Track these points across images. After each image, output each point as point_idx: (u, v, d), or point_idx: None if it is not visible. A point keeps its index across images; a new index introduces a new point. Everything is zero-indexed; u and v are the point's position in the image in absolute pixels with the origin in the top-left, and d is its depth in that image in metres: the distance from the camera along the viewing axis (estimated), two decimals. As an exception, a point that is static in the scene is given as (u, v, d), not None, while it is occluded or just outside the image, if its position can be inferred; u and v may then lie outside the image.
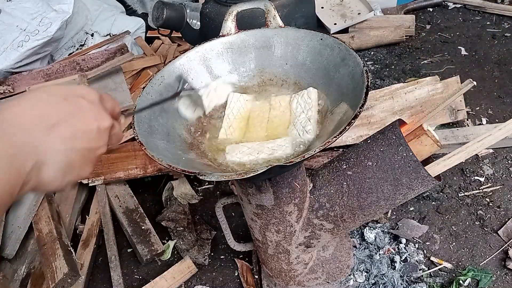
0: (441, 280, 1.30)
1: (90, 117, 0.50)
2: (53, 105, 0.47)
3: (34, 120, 0.45)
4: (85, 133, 0.49)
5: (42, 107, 0.46)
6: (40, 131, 0.45)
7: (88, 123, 0.49)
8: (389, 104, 1.72)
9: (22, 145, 0.43)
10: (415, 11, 2.63)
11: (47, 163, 0.45)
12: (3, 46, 2.12)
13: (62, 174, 0.47)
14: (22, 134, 0.43)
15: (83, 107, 0.50)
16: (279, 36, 0.94)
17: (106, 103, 0.55)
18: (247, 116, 0.88)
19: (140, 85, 2.21)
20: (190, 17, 1.70)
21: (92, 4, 2.48)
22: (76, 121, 0.48)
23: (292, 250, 1.08)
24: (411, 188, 0.91)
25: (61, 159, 0.46)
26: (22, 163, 0.42)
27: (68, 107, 0.48)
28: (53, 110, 0.47)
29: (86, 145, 0.49)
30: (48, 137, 0.45)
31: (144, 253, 1.47)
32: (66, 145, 0.47)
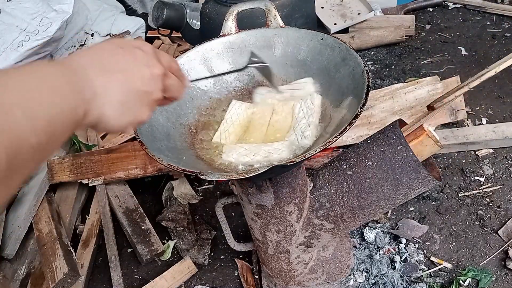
0: (441, 280, 1.30)
1: (142, 64, 0.54)
2: (111, 52, 0.52)
3: (94, 62, 0.50)
4: (138, 76, 0.53)
5: (101, 54, 0.51)
6: (98, 71, 0.49)
7: (140, 68, 0.53)
8: (389, 104, 1.72)
9: (81, 77, 0.47)
10: (415, 11, 2.63)
11: (105, 98, 0.49)
12: (3, 46, 2.12)
13: (120, 112, 0.51)
14: (82, 70, 0.47)
15: (137, 55, 0.54)
16: (279, 36, 0.94)
17: (161, 56, 0.59)
18: (245, 124, 0.88)
19: (140, 85, 2.20)
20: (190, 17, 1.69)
21: (92, 4, 2.48)
22: (130, 66, 0.52)
23: (292, 250, 1.08)
24: (411, 188, 0.91)
25: (117, 96, 0.50)
26: (82, 88, 0.46)
27: (123, 54, 0.53)
28: (110, 56, 0.52)
29: (140, 87, 0.53)
30: (105, 77, 0.49)
31: (144, 253, 1.47)
32: (121, 86, 0.51)
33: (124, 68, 0.52)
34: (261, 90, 0.93)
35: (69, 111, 0.43)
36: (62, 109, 0.42)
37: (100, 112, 0.49)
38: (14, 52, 2.12)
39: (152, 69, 0.55)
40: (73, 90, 0.45)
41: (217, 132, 0.86)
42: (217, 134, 0.85)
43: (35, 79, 0.41)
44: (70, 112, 0.44)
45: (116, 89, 0.50)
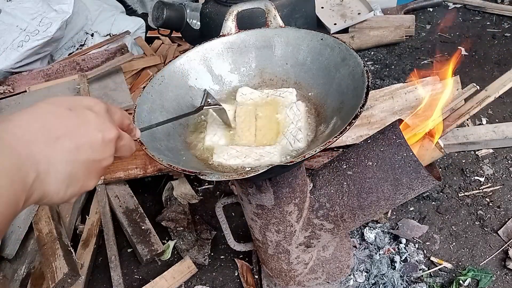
0: (441, 280, 1.30)
1: (95, 128, 0.49)
2: (58, 117, 0.47)
3: (37, 132, 0.44)
4: (89, 144, 0.48)
5: (46, 119, 0.46)
6: (43, 143, 0.44)
7: (92, 134, 0.49)
8: (389, 104, 1.72)
9: (24, 157, 0.42)
10: (415, 11, 2.63)
11: (50, 174, 0.45)
12: (3, 46, 2.12)
13: (65, 186, 0.47)
14: (24, 146, 0.43)
15: (88, 118, 0.49)
16: (279, 36, 0.94)
17: (114, 114, 0.55)
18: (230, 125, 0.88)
19: (140, 85, 2.21)
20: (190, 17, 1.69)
21: (92, 4, 2.48)
22: (80, 132, 0.47)
23: (292, 250, 1.08)
24: (411, 188, 0.91)
25: (64, 170, 0.46)
26: (25, 175, 0.42)
27: (72, 118, 0.48)
28: (57, 122, 0.46)
29: (90, 157, 0.48)
30: (51, 148, 0.45)
31: (144, 253, 1.47)
32: (69, 156, 0.46)
33: (73, 135, 0.47)
34: (244, 90, 0.92)
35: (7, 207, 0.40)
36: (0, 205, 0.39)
37: (43, 191, 0.45)
38: (14, 52, 2.12)
39: (104, 134, 0.50)
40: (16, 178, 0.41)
41: (206, 136, 0.85)
42: (208, 138, 0.85)
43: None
44: (8, 208, 0.40)
45: (63, 161, 0.46)
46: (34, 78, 2.17)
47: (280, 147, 0.80)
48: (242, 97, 0.92)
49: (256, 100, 0.91)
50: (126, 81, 2.11)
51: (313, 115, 0.87)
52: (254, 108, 0.90)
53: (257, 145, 0.83)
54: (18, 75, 2.17)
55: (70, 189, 0.47)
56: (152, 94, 0.86)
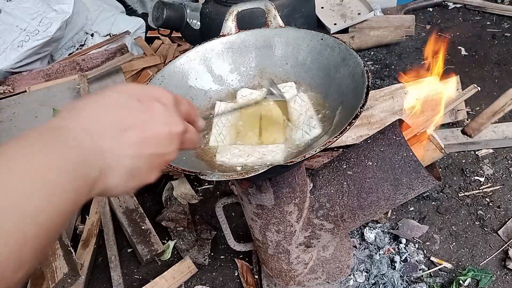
0: (441, 280, 1.31)
1: (162, 122, 0.47)
2: (126, 108, 0.45)
3: (105, 125, 0.43)
4: (155, 138, 0.46)
5: (114, 110, 0.44)
6: (110, 136, 0.43)
7: (159, 128, 0.47)
8: (389, 104, 1.72)
9: (89, 152, 0.41)
10: (415, 11, 2.63)
11: (114, 168, 0.43)
12: (3, 46, 2.12)
13: (127, 179, 0.45)
14: (90, 140, 0.41)
15: (156, 110, 0.47)
16: (279, 36, 0.94)
17: (181, 106, 0.53)
18: (235, 125, 0.88)
19: (140, 85, 2.20)
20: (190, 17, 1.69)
21: (92, 4, 2.49)
22: (147, 125, 0.46)
23: (292, 250, 1.08)
24: (411, 188, 0.91)
25: (128, 164, 0.44)
26: (88, 170, 0.40)
27: (141, 110, 0.46)
28: (125, 114, 0.45)
29: (155, 151, 0.47)
30: (117, 142, 0.43)
31: (144, 253, 1.47)
32: (134, 150, 0.44)
33: (140, 128, 0.45)
34: (244, 92, 0.92)
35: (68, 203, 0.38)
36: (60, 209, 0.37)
37: (105, 185, 0.43)
38: (14, 52, 2.12)
39: (171, 128, 0.48)
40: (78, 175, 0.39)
41: (211, 136, 0.85)
42: (213, 138, 0.85)
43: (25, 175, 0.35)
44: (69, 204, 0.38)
45: (128, 156, 0.44)
46: (34, 78, 2.17)
47: (283, 146, 0.80)
48: (243, 99, 0.92)
49: (258, 99, 0.91)
50: (126, 81, 2.11)
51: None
52: (257, 108, 0.90)
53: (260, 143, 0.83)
54: (18, 75, 2.17)
55: (131, 183, 0.46)
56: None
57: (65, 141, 0.40)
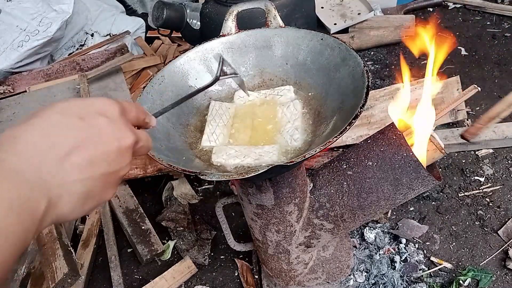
0: (441, 280, 1.31)
1: (110, 137, 0.44)
2: (67, 129, 0.42)
3: (46, 152, 0.40)
4: (104, 156, 0.43)
5: (54, 133, 0.41)
6: (52, 163, 0.40)
7: (108, 144, 0.43)
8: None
9: (33, 185, 0.38)
10: (415, 11, 2.63)
11: (63, 196, 0.40)
12: (3, 46, 2.12)
13: (81, 204, 0.42)
14: (32, 171, 0.38)
15: (101, 126, 0.44)
16: (279, 36, 0.94)
17: (129, 113, 0.49)
18: (229, 125, 0.88)
19: (140, 85, 2.21)
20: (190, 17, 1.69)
21: (92, 4, 2.49)
22: (94, 144, 0.42)
23: (292, 250, 1.08)
24: (411, 188, 0.91)
25: (78, 189, 0.41)
26: (35, 206, 0.38)
27: (84, 129, 0.42)
28: (66, 136, 0.41)
29: (106, 170, 0.43)
30: (62, 168, 0.40)
31: (144, 253, 1.47)
32: (83, 174, 0.41)
33: (85, 149, 0.42)
34: (241, 93, 0.92)
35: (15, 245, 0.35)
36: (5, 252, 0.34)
37: (56, 215, 0.40)
38: (14, 52, 2.12)
39: (121, 142, 0.45)
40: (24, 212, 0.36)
41: (204, 135, 0.85)
42: (205, 138, 0.84)
43: None
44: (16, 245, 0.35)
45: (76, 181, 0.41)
46: (34, 78, 2.17)
47: (278, 146, 0.80)
48: (240, 100, 0.92)
49: (254, 101, 0.91)
50: (126, 81, 2.11)
51: (313, 115, 0.87)
52: (252, 110, 0.90)
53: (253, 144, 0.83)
54: (18, 75, 2.17)
55: (86, 205, 0.43)
56: (152, 94, 0.86)
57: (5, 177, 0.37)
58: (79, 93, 1.96)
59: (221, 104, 0.90)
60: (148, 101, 0.84)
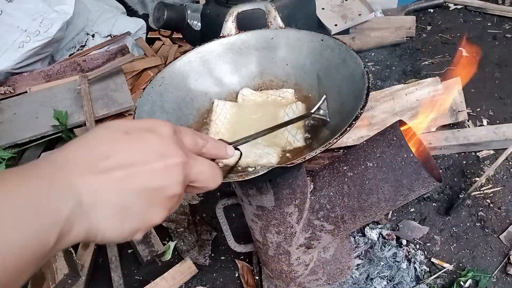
0: (441, 282, 1.30)
1: (154, 152, 0.42)
2: (110, 141, 0.41)
3: (83, 159, 0.39)
4: (146, 170, 0.41)
5: (96, 144, 0.40)
6: (88, 170, 0.39)
7: (151, 159, 0.41)
8: (390, 105, 1.71)
9: (58, 188, 0.37)
10: (415, 12, 2.63)
11: (97, 206, 0.38)
12: (4, 47, 2.13)
13: (119, 220, 0.40)
14: (62, 174, 0.37)
15: (147, 141, 0.42)
16: (279, 37, 0.94)
17: (184, 136, 0.47)
18: (233, 122, 0.88)
19: (141, 86, 2.21)
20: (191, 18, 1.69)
21: (93, 5, 2.49)
22: (136, 157, 0.41)
23: (292, 251, 1.08)
24: (411, 189, 0.91)
25: (114, 201, 0.39)
26: (56, 206, 0.36)
27: (128, 142, 0.41)
28: (108, 147, 0.40)
29: (149, 185, 0.41)
30: (98, 176, 0.39)
31: (144, 254, 1.47)
32: (119, 185, 0.39)
33: (128, 162, 0.40)
34: (245, 91, 0.93)
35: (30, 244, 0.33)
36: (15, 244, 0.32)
37: (88, 226, 0.38)
38: (15, 53, 2.13)
39: (166, 160, 0.42)
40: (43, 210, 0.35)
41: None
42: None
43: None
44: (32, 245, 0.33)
45: (112, 191, 0.39)
46: (35, 78, 2.17)
47: (279, 147, 0.80)
48: (243, 98, 0.92)
49: (257, 101, 0.91)
50: (127, 82, 2.11)
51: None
52: (254, 110, 0.90)
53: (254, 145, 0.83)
54: (19, 76, 2.17)
55: (127, 224, 0.41)
56: (152, 96, 0.86)
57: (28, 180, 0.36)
58: (80, 94, 1.96)
59: (224, 103, 0.90)
60: (148, 102, 0.84)
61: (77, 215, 0.37)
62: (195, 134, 0.50)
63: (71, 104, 1.96)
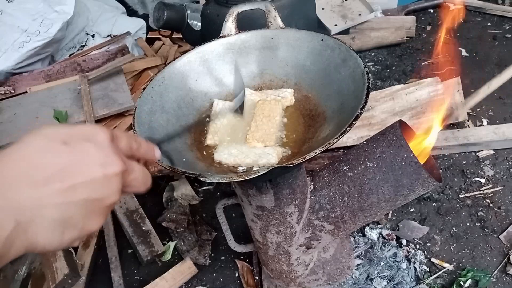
0: (441, 282, 1.30)
1: (94, 163, 0.42)
2: (49, 153, 0.40)
3: (22, 175, 0.38)
4: (87, 182, 0.41)
5: (35, 157, 0.40)
6: (27, 186, 0.38)
7: (91, 170, 0.42)
8: (390, 105, 1.72)
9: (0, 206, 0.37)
10: (415, 12, 2.63)
11: (36, 222, 0.38)
12: (4, 47, 2.13)
13: (59, 232, 0.40)
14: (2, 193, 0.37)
15: (86, 151, 0.42)
16: (279, 37, 0.94)
17: (120, 142, 0.47)
18: (232, 123, 0.88)
19: (141, 86, 2.21)
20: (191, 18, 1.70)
21: (93, 5, 2.49)
22: (76, 169, 0.41)
23: (292, 251, 1.08)
24: (411, 189, 0.91)
25: (54, 215, 0.39)
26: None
27: (67, 153, 0.41)
28: (48, 160, 0.40)
29: (89, 196, 0.41)
30: (37, 191, 0.38)
31: (144, 254, 1.47)
32: (61, 199, 0.39)
33: (66, 174, 0.40)
34: (246, 92, 0.92)
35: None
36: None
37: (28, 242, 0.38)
38: (15, 53, 2.13)
39: (106, 169, 0.42)
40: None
41: (208, 135, 0.85)
42: (210, 137, 0.85)
43: None
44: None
45: (52, 206, 0.39)
46: (35, 78, 2.17)
47: (279, 149, 0.80)
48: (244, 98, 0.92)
49: (255, 101, 0.91)
50: (127, 82, 2.11)
51: (313, 116, 0.86)
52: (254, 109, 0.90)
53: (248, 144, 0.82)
54: (19, 76, 2.17)
55: (66, 235, 0.41)
56: (152, 96, 0.86)
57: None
58: (80, 94, 1.96)
59: (224, 103, 0.90)
60: (148, 102, 0.84)
61: (17, 234, 0.37)
62: (130, 138, 0.50)
63: (71, 104, 1.96)
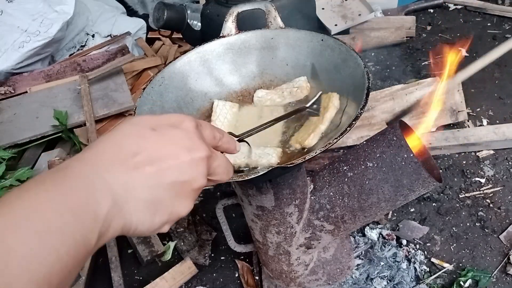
0: (441, 281, 1.30)
1: (182, 147, 0.44)
2: (138, 138, 0.42)
3: (114, 157, 0.40)
4: (175, 165, 0.43)
5: (125, 142, 0.42)
6: (120, 168, 0.40)
7: (179, 154, 0.43)
8: (390, 105, 1.72)
9: (95, 187, 0.38)
10: (415, 12, 2.63)
11: (129, 203, 0.40)
12: (4, 47, 2.13)
13: (151, 213, 0.42)
14: (97, 175, 0.39)
15: (173, 136, 0.44)
16: (279, 37, 0.94)
17: (205, 130, 0.49)
18: (234, 123, 0.88)
19: (141, 86, 2.21)
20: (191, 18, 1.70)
21: (93, 5, 2.49)
22: (164, 153, 0.42)
23: (292, 251, 1.08)
24: (411, 189, 0.91)
25: (145, 196, 0.41)
26: (95, 208, 0.37)
27: (155, 138, 0.43)
28: (137, 144, 0.42)
29: (178, 179, 0.43)
30: (129, 173, 0.40)
31: (144, 254, 1.47)
32: (151, 180, 0.41)
33: (157, 157, 0.42)
34: (260, 93, 0.92)
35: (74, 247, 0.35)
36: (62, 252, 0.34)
37: (123, 222, 0.40)
38: (15, 53, 2.13)
39: (193, 153, 0.44)
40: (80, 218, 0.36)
41: None
42: None
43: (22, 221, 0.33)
44: (75, 247, 0.35)
45: (144, 187, 0.41)
46: (35, 78, 2.17)
47: (279, 148, 0.80)
48: (259, 100, 0.92)
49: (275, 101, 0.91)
50: (127, 82, 2.11)
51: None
52: (257, 109, 0.90)
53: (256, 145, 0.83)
54: (19, 76, 2.17)
55: (157, 217, 0.42)
56: (152, 96, 0.86)
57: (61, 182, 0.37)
58: (80, 93, 1.96)
59: (224, 103, 0.90)
60: (148, 102, 0.84)
61: (114, 213, 0.39)
62: (213, 128, 0.51)
63: (71, 104, 1.96)
